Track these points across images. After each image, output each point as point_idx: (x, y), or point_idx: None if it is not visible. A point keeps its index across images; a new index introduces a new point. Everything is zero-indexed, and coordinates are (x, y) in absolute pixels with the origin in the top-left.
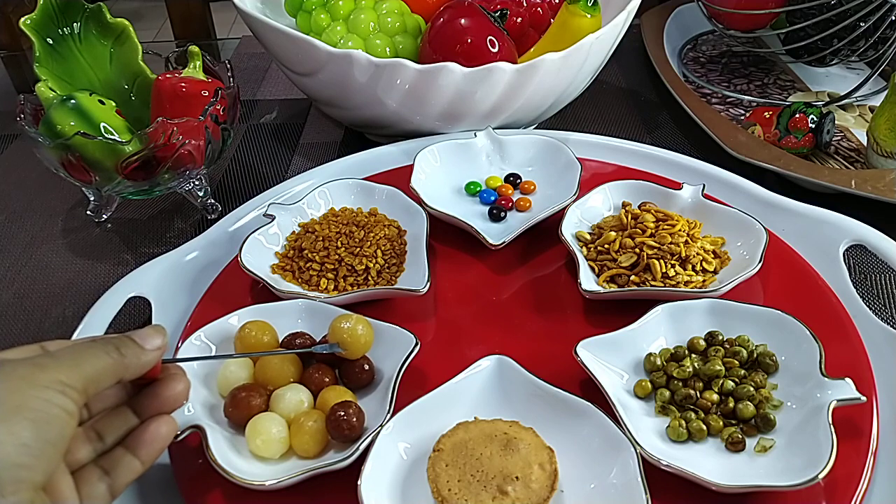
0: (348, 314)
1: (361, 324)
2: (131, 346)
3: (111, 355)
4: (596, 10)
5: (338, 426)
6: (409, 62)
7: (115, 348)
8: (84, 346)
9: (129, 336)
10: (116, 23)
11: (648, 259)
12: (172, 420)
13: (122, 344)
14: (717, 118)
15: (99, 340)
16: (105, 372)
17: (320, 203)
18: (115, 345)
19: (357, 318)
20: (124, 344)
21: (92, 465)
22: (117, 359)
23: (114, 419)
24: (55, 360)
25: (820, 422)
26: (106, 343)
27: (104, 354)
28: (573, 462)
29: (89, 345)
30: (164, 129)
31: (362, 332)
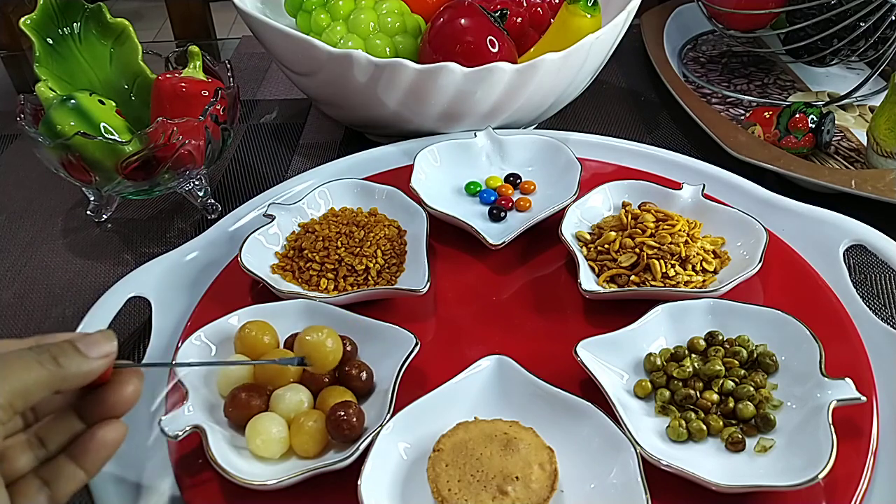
0: (319, 326)
1: (331, 338)
2: (72, 354)
3: (46, 366)
4: (596, 10)
5: (338, 426)
6: (409, 62)
7: (51, 358)
8: (13, 356)
9: (72, 342)
10: (116, 23)
11: (648, 259)
12: (121, 425)
13: (61, 352)
14: (717, 118)
15: (34, 348)
16: (37, 385)
17: (320, 203)
18: (53, 354)
19: (328, 332)
20: (63, 352)
21: (31, 476)
22: (53, 370)
23: (57, 424)
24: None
25: (820, 422)
26: (41, 352)
27: (37, 365)
28: (573, 462)
29: (19, 354)
30: (164, 129)
31: (331, 346)
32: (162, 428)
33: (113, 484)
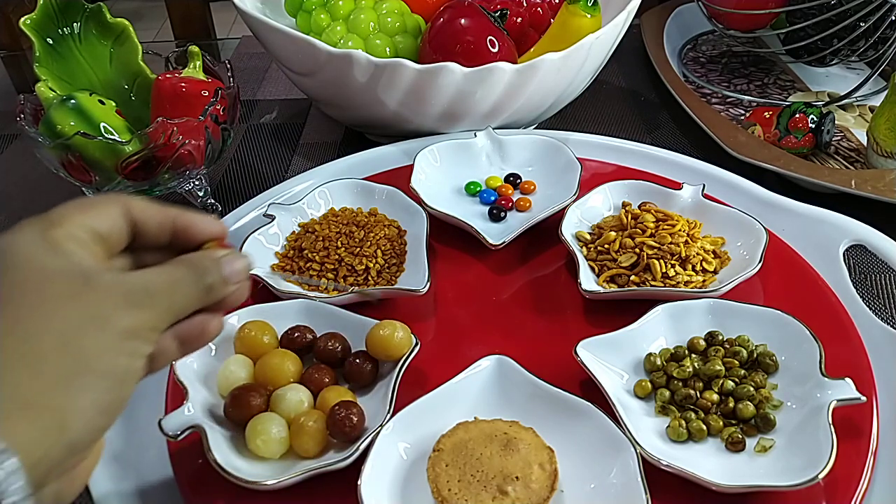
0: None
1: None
2: (218, 280)
3: (200, 295)
4: (596, 10)
5: (338, 426)
6: (409, 62)
7: (206, 287)
8: (177, 279)
9: (218, 262)
10: (116, 23)
11: (648, 259)
12: (221, 320)
13: (209, 273)
14: (717, 118)
15: (188, 266)
16: (188, 309)
17: (320, 203)
18: (208, 283)
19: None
20: (211, 274)
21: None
22: (203, 298)
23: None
24: (150, 298)
25: (820, 422)
26: (196, 272)
27: (195, 293)
28: (573, 462)
29: (182, 277)
30: (164, 129)
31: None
32: (162, 428)
33: (113, 484)
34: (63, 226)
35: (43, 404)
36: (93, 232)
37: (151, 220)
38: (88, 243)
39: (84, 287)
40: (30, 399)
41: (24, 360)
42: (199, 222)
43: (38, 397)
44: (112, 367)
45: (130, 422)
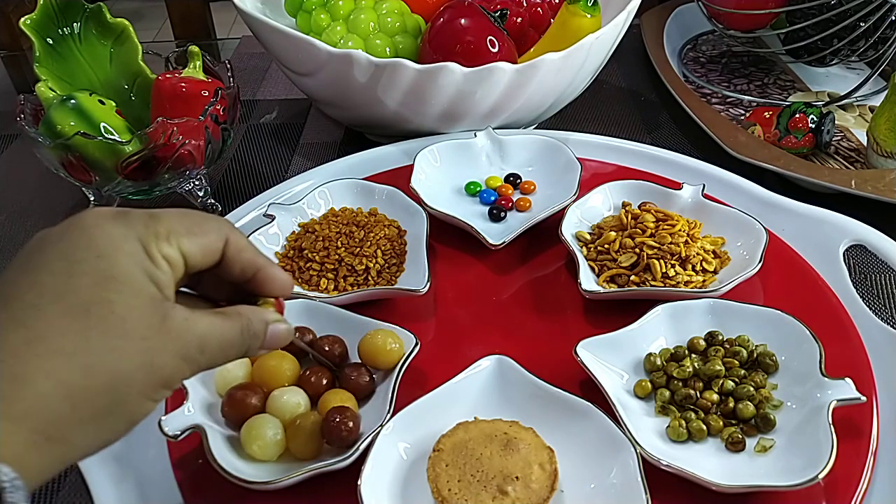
0: (380, 330)
1: (390, 337)
2: (258, 345)
3: (239, 354)
4: (596, 10)
5: (334, 432)
6: (409, 62)
7: (246, 350)
8: (229, 341)
9: (266, 328)
10: (116, 23)
11: (648, 259)
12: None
13: (255, 339)
14: (717, 118)
15: (241, 329)
16: (224, 359)
17: (320, 203)
18: (248, 344)
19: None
20: (256, 339)
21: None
22: (239, 357)
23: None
24: (201, 355)
25: (820, 422)
26: (246, 336)
27: (236, 353)
28: (573, 462)
29: (234, 339)
30: (164, 129)
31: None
32: (162, 428)
33: (113, 484)
34: (165, 241)
35: (64, 439)
36: (187, 257)
37: (240, 262)
38: (178, 266)
39: (159, 329)
40: (56, 434)
41: (73, 394)
42: (276, 280)
43: (65, 433)
44: (137, 412)
45: None
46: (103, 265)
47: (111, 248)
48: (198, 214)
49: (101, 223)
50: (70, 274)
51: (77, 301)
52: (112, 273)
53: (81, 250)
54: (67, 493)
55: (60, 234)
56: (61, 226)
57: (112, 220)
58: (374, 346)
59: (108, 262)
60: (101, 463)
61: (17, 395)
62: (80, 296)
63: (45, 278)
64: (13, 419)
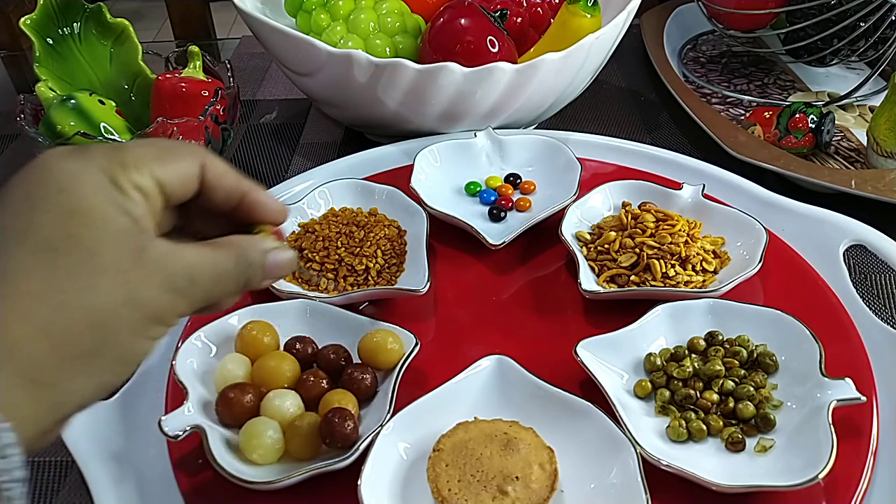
0: (379, 330)
1: (391, 337)
2: (258, 275)
3: (238, 285)
4: (596, 10)
5: (332, 432)
6: (409, 62)
7: (245, 280)
8: (223, 270)
9: (265, 255)
10: (116, 23)
11: (648, 259)
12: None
13: (252, 267)
14: (717, 118)
15: (236, 257)
16: (221, 298)
17: (320, 203)
18: (247, 273)
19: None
20: (254, 268)
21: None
22: (239, 289)
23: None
24: (192, 286)
25: (820, 422)
26: (242, 265)
27: (234, 284)
28: (573, 462)
29: (228, 269)
30: (164, 129)
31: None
32: (162, 428)
33: (113, 484)
34: (134, 170)
35: (51, 382)
36: (161, 185)
37: (222, 188)
38: (152, 196)
39: (136, 260)
40: (41, 376)
41: (50, 334)
42: (267, 204)
43: (50, 375)
44: (130, 351)
45: (130, 422)
46: (64, 199)
47: (72, 181)
48: (168, 141)
49: (60, 160)
50: (32, 212)
51: (41, 239)
52: (75, 206)
53: (41, 187)
54: (67, 493)
55: (21, 177)
56: (23, 170)
57: (72, 155)
58: (374, 345)
59: (70, 196)
60: (101, 463)
61: None
62: (44, 234)
63: (7, 221)
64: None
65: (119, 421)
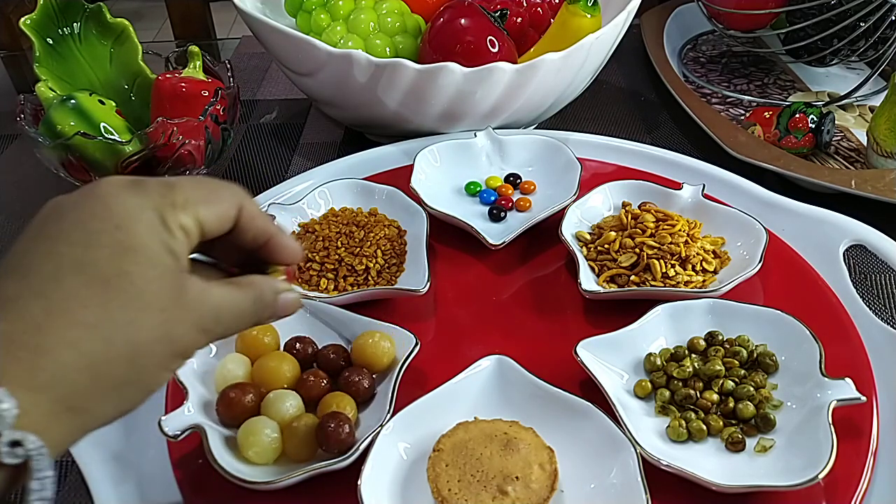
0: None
1: (384, 340)
2: (269, 315)
3: (252, 323)
4: (596, 10)
5: (328, 437)
6: (409, 62)
7: (258, 319)
8: (243, 310)
9: (277, 296)
10: (116, 23)
11: (648, 259)
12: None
13: (267, 308)
14: (717, 118)
15: (255, 297)
16: (237, 328)
17: (320, 203)
18: (261, 313)
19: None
20: (268, 309)
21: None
22: (251, 325)
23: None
24: (216, 325)
25: (820, 422)
26: (259, 305)
27: (249, 321)
28: (573, 462)
29: (247, 308)
30: (164, 129)
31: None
32: (162, 428)
33: (113, 484)
34: (182, 211)
35: (84, 409)
36: (202, 226)
37: (253, 230)
38: (193, 235)
39: (176, 300)
40: (78, 403)
41: (93, 364)
42: (288, 248)
43: (86, 402)
44: (154, 383)
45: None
46: (121, 236)
47: (129, 218)
48: (213, 182)
49: (117, 192)
50: (88, 245)
51: (97, 273)
52: (130, 244)
53: (99, 220)
54: (67, 493)
55: (76, 202)
56: (76, 194)
57: (129, 190)
58: (365, 348)
59: (126, 234)
60: (101, 463)
61: (38, 365)
62: (100, 267)
63: (63, 248)
64: (36, 389)
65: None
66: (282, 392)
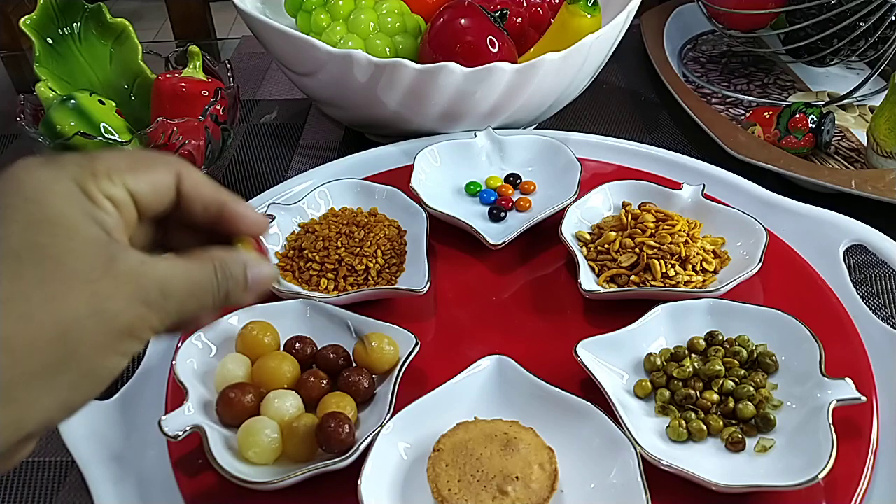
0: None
1: (387, 342)
2: (239, 288)
3: (216, 300)
4: (596, 10)
5: (328, 437)
6: (409, 62)
7: (224, 294)
8: (199, 283)
9: (245, 268)
10: (116, 23)
11: (648, 259)
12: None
13: (232, 279)
14: (717, 118)
15: (214, 270)
16: (198, 313)
17: (320, 203)
18: (225, 286)
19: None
20: (234, 280)
21: None
22: (217, 304)
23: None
24: (164, 299)
25: (820, 422)
26: (220, 278)
27: (211, 299)
28: (573, 462)
29: (205, 282)
30: (164, 129)
31: (388, 350)
32: (162, 428)
33: (113, 484)
34: (106, 180)
35: (11, 397)
36: (135, 195)
37: (199, 199)
38: (126, 206)
39: (105, 271)
40: (2, 393)
41: (12, 347)
42: (247, 216)
43: (11, 390)
44: (97, 367)
45: (130, 422)
46: (32, 208)
47: (42, 190)
48: (142, 152)
49: (30, 168)
50: (0, 222)
51: (8, 248)
52: (43, 215)
53: (10, 196)
54: (67, 493)
55: None
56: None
57: (42, 165)
58: (368, 352)
59: (39, 205)
60: (101, 463)
61: None
62: (11, 242)
63: None
64: None
65: (119, 421)
66: (282, 392)
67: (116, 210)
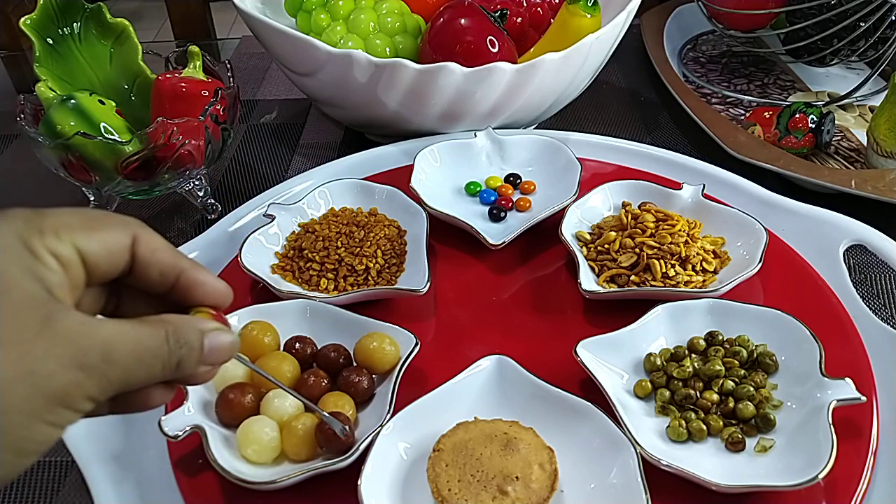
0: (376, 334)
1: (387, 341)
2: (193, 358)
3: (166, 370)
4: (596, 10)
5: (327, 438)
6: (409, 62)
7: (175, 363)
8: (146, 349)
9: (201, 336)
10: (116, 23)
11: (648, 259)
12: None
13: (186, 347)
14: (717, 118)
15: (165, 337)
16: (145, 383)
17: (320, 203)
18: (177, 353)
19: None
20: (188, 347)
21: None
22: (167, 374)
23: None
24: (105, 364)
25: (820, 422)
26: (171, 346)
27: (160, 367)
28: (573, 462)
29: (153, 348)
30: (164, 129)
31: (388, 350)
32: (162, 428)
33: (113, 484)
34: (53, 237)
35: None
36: (84, 255)
37: (157, 265)
38: (73, 265)
39: (39, 330)
40: None
41: None
42: (207, 285)
43: None
44: (24, 438)
45: (130, 422)
46: None
47: None
48: (97, 211)
49: None
50: None
51: None
52: None
53: None
54: (67, 493)
55: None
56: None
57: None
58: (369, 349)
59: None
60: (101, 463)
61: None
62: None
63: None
64: None
65: (119, 421)
66: (281, 392)
67: (62, 268)
